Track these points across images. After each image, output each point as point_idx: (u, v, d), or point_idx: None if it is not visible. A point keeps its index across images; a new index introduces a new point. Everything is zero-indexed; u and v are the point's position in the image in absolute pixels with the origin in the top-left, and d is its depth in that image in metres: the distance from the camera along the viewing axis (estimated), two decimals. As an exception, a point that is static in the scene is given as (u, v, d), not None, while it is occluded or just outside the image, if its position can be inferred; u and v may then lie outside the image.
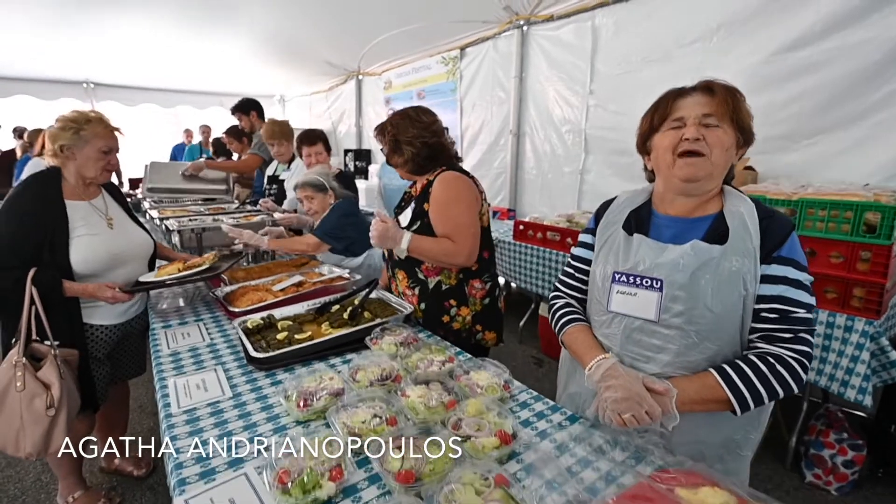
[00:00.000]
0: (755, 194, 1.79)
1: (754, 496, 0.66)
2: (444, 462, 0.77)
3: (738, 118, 0.85)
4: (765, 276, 0.84)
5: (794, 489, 1.83)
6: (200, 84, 6.79)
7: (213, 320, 1.53)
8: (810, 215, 1.69)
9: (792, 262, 0.84)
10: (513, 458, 0.85)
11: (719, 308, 0.84)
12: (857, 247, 1.61)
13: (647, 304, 0.89)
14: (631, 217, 0.98)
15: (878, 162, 1.95)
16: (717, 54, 2.36)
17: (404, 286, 1.54)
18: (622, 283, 0.93)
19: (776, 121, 2.18)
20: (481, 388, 1.01)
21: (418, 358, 1.15)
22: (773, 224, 0.85)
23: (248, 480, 0.78)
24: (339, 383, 1.02)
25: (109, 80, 6.35)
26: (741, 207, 0.88)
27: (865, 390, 1.56)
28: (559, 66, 3.23)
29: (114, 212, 1.57)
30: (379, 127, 1.55)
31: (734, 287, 0.83)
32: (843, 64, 1.97)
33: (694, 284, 0.84)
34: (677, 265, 0.86)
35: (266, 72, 5.93)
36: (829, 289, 1.68)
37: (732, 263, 0.83)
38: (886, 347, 1.58)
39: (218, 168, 3.63)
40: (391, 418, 0.88)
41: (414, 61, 4.72)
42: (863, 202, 1.59)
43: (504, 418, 0.89)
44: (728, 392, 0.80)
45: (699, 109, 0.86)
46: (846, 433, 1.82)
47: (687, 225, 0.91)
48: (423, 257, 1.44)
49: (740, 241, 0.84)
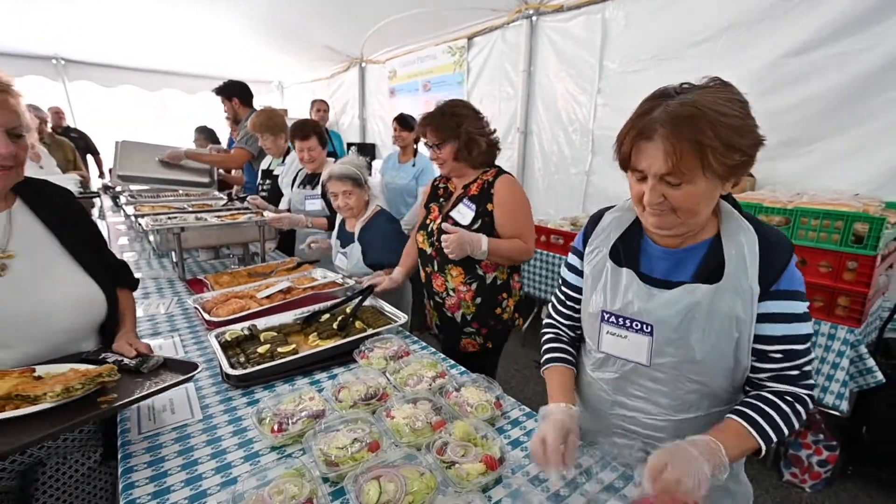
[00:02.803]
0: (752, 202, 1.81)
1: None
2: (426, 492, 0.74)
3: (716, 162, 0.69)
4: (767, 315, 0.78)
5: (772, 487, 1.92)
6: (189, 66, 6.24)
7: (189, 331, 1.43)
8: (803, 224, 1.72)
9: (793, 294, 0.78)
10: (499, 483, 0.83)
11: (713, 355, 0.80)
12: (844, 256, 1.64)
13: (638, 347, 0.85)
14: (618, 245, 0.89)
15: (870, 171, 1.98)
16: (726, 55, 2.34)
17: (458, 282, 1.56)
18: (612, 323, 0.88)
19: (778, 126, 2.17)
20: (471, 407, 0.99)
21: (408, 374, 1.11)
22: (773, 254, 0.77)
23: None
24: (320, 404, 0.97)
25: (83, 56, 5.65)
26: (741, 236, 0.78)
27: (843, 395, 1.62)
28: (568, 62, 3.17)
29: (28, 248, 0.94)
30: (439, 120, 1.49)
31: (728, 332, 0.78)
32: (844, 71, 1.98)
33: (685, 332, 0.79)
34: (669, 311, 0.80)
35: (262, 54, 5.55)
36: (817, 298, 1.72)
37: (726, 304, 0.77)
38: (865, 355, 1.64)
39: (199, 160, 3.25)
40: (373, 443, 0.85)
41: (419, 50, 4.57)
42: (852, 213, 1.62)
43: (492, 441, 0.86)
44: (761, 442, 0.76)
45: (658, 166, 0.72)
46: (822, 434, 1.89)
47: (680, 256, 0.84)
48: (498, 257, 1.49)
49: (736, 279, 0.77)
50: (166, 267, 2.19)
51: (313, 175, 2.42)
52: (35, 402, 0.79)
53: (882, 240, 1.58)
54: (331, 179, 1.86)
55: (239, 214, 2.28)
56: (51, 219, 1.00)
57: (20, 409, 0.78)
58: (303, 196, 2.46)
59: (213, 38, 4.82)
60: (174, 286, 1.91)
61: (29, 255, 0.95)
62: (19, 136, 0.86)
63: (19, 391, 0.80)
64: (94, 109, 6.30)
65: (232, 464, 0.87)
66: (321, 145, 2.36)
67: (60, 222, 1.02)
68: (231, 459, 0.87)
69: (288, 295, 1.61)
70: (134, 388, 0.90)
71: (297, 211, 2.46)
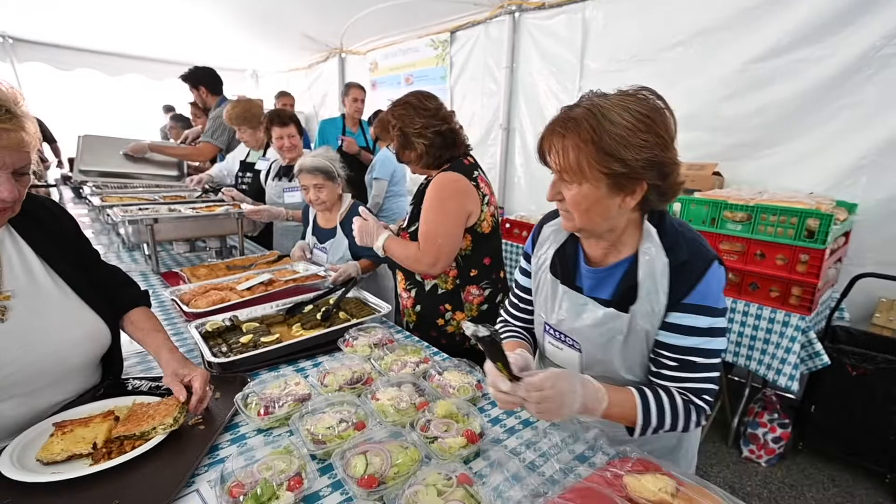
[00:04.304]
0: (719, 199, 1.96)
1: (695, 480, 0.73)
2: (410, 464, 0.78)
3: (588, 167, 0.71)
4: (668, 325, 0.80)
5: (732, 463, 2.10)
6: (155, 50, 5.84)
7: (167, 323, 1.40)
8: (763, 220, 1.85)
9: (699, 308, 0.78)
10: (479, 455, 0.88)
11: (635, 368, 0.87)
12: (797, 250, 1.78)
13: (571, 360, 0.93)
14: (556, 259, 0.92)
15: (824, 172, 2.14)
16: (697, 60, 2.46)
17: (402, 287, 1.53)
18: (551, 335, 0.95)
19: (745, 129, 2.34)
20: (454, 389, 1.03)
21: (392, 360, 1.15)
22: (685, 272, 0.78)
23: (200, 497, 0.74)
24: (306, 388, 0.99)
25: (35, 35, 5.17)
26: (654, 259, 0.79)
27: (794, 377, 1.77)
28: (550, 60, 3.22)
29: (25, 284, 0.84)
30: (380, 121, 1.42)
31: (641, 348, 0.85)
32: (803, 78, 2.12)
33: (609, 354, 0.87)
34: (594, 333, 0.86)
35: (236, 40, 5.28)
36: (774, 288, 1.86)
37: (639, 325, 0.82)
38: (814, 340, 1.79)
39: (164, 153, 3.08)
40: (359, 422, 0.88)
41: (402, 42, 4.52)
42: (806, 210, 1.75)
43: (473, 418, 0.91)
44: (639, 422, 0.80)
45: (553, 162, 0.76)
46: (777, 414, 2.07)
47: (602, 275, 0.87)
48: (394, 258, 1.42)
49: (647, 303, 0.80)
50: (138, 260, 2.13)
51: (289, 167, 2.36)
52: (144, 437, 0.79)
53: (831, 235, 1.70)
54: (301, 172, 1.83)
55: (215, 206, 2.20)
56: (42, 245, 0.88)
57: (137, 447, 0.78)
58: (280, 189, 2.41)
59: (182, 21, 4.54)
60: (148, 279, 1.86)
61: (27, 294, 0.84)
62: (24, 173, 0.78)
63: (121, 433, 0.80)
64: (49, 94, 5.88)
65: (219, 446, 0.88)
66: (299, 133, 2.31)
67: (52, 247, 0.90)
68: (217, 442, 0.89)
69: (269, 287, 1.58)
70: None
71: (275, 204, 2.40)
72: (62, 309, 0.88)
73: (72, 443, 0.76)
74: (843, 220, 1.86)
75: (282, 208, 2.27)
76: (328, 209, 1.91)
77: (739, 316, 1.94)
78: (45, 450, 0.75)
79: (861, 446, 1.89)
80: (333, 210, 1.92)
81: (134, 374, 1.08)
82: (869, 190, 2.03)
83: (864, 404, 1.84)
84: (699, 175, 2.34)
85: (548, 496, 0.72)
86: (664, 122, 0.73)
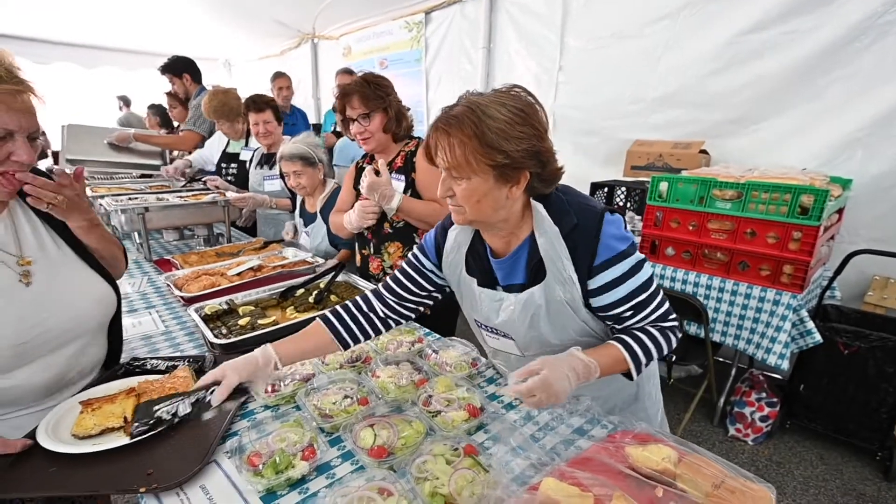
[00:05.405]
0: (707, 177, 1.91)
1: (696, 451, 0.76)
2: (416, 436, 0.80)
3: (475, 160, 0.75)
4: (600, 288, 0.83)
5: (718, 442, 2.12)
6: (129, 41, 5.76)
7: (165, 307, 1.43)
8: (754, 197, 1.79)
9: (612, 260, 0.81)
10: (480, 429, 0.90)
11: (568, 333, 0.90)
12: (790, 227, 1.73)
13: (510, 346, 0.97)
14: (469, 259, 0.95)
15: (817, 147, 2.07)
16: (684, 33, 2.36)
17: (397, 258, 1.52)
18: (485, 329, 0.99)
19: (732, 104, 2.26)
20: (450, 367, 1.05)
21: (388, 339, 1.17)
22: (578, 236, 0.82)
23: (218, 466, 0.78)
24: (309, 368, 1.01)
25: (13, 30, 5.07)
26: (548, 233, 0.83)
27: (784, 356, 1.75)
28: (529, 39, 3.10)
29: (38, 250, 0.87)
30: (365, 89, 1.37)
31: (569, 314, 0.87)
32: (794, 50, 2.04)
33: (537, 329, 0.89)
34: (515, 319, 0.89)
35: (207, 29, 5.18)
36: (764, 266, 1.82)
37: (557, 294, 0.84)
38: (805, 318, 1.77)
39: (148, 142, 3.13)
40: (362, 398, 0.90)
41: (375, 25, 4.39)
42: (800, 186, 1.70)
43: (472, 393, 0.93)
44: (632, 365, 0.84)
45: (441, 159, 0.80)
46: (765, 393, 2.06)
47: (509, 262, 0.90)
48: (412, 217, 1.43)
49: (556, 272, 0.83)
50: (129, 249, 2.11)
51: (270, 155, 2.35)
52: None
53: (825, 211, 1.65)
54: (282, 160, 1.86)
55: (201, 195, 2.23)
56: (47, 214, 0.89)
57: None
58: (261, 177, 2.40)
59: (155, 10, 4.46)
60: (141, 266, 1.88)
61: (42, 260, 0.86)
62: (35, 138, 0.79)
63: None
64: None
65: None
66: (277, 119, 2.27)
67: (55, 217, 0.90)
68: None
69: (258, 272, 1.62)
70: None
71: (256, 192, 2.39)
72: (74, 274, 0.91)
73: (103, 418, 0.81)
74: (837, 196, 1.80)
75: (266, 196, 2.27)
76: (310, 194, 1.94)
77: (728, 295, 1.91)
78: (79, 425, 0.79)
79: (851, 424, 1.89)
80: (315, 195, 1.94)
81: (140, 354, 1.12)
82: (865, 165, 1.96)
83: (855, 382, 1.82)
84: (685, 153, 2.27)
85: (554, 464, 0.74)
86: (537, 115, 0.79)
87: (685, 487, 0.65)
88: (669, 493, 0.65)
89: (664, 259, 2.08)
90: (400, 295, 1.01)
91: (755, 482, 0.68)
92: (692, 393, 2.16)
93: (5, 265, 0.81)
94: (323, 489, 0.74)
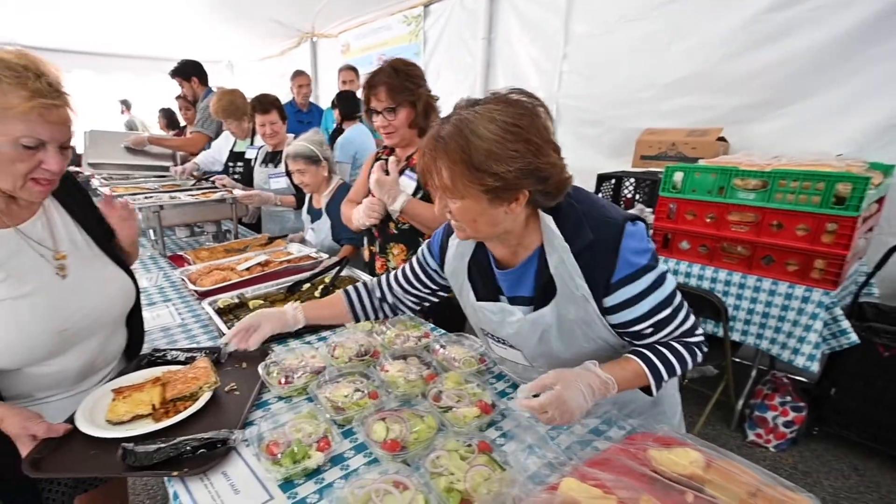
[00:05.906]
0: (728, 165, 1.78)
1: (726, 455, 0.70)
2: (427, 431, 0.79)
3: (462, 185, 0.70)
4: (616, 306, 0.78)
5: (735, 447, 1.94)
6: (136, 47, 6.02)
7: (181, 301, 1.49)
8: (781, 187, 1.65)
9: (633, 275, 0.76)
10: (492, 426, 0.87)
11: (581, 350, 0.84)
12: (823, 219, 1.59)
13: (517, 356, 0.93)
14: (472, 269, 0.91)
15: (850, 131, 1.91)
16: (697, 14, 2.23)
17: (400, 261, 1.47)
18: (491, 338, 0.96)
19: (752, 88, 2.12)
20: (458, 362, 1.03)
21: (395, 334, 1.16)
22: (597, 251, 0.76)
23: (237, 454, 0.80)
24: (321, 361, 1.02)
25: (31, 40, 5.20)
26: (557, 247, 0.77)
27: (814, 357, 1.61)
28: (532, 26, 2.97)
29: (70, 245, 0.92)
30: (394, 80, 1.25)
31: (582, 332, 0.82)
32: (823, 27, 1.90)
33: (547, 347, 0.85)
34: (524, 335, 0.85)
35: (210, 32, 5.31)
36: (791, 261, 1.68)
37: (569, 312, 0.80)
38: (839, 317, 1.62)
39: (161, 145, 3.29)
40: (372, 392, 0.89)
41: (374, 21, 4.37)
42: (836, 173, 1.55)
43: (483, 389, 0.91)
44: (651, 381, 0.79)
45: (432, 180, 0.75)
46: (790, 396, 1.92)
47: (516, 274, 0.85)
48: (416, 221, 1.37)
49: (567, 291, 0.78)
50: (144, 245, 2.20)
51: (275, 153, 2.39)
52: (193, 398, 0.88)
53: (865, 200, 1.52)
54: (287, 158, 1.93)
55: (210, 193, 2.31)
56: (75, 210, 0.97)
57: (188, 407, 0.86)
58: (266, 175, 2.43)
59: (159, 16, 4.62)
60: (157, 262, 1.95)
61: (74, 254, 0.92)
62: (67, 147, 0.83)
63: (174, 395, 0.88)
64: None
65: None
66: (282, 119, 2.31)
67: (82, 212, 0.98)
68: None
69: (265, 267, 1.66)
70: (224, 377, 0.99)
71: (261, 190, 2.42)
72: (101, 267, 0.97)
73: (133, 405, 0.86)
74: (878, 184, 1.64)
75: (271, 193, 2.30)
76: (315, 191, 1.98)
77: (749, 292, 1.77)
78: (112, 412, 0.85)
79: (890, 433, 1.71)
80: (320, 192, 1.97)
81: (160, 345, 1.17)
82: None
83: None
84: (701, 141, 2.11)
85: (572, 463, 0.71)
86: (535, 127, 0.70)
87: (716, 494, 0.61)
88: (701, 500, 0.60)
89: (678, 253, 1.96)
90: (405, 288, 1.05)
91: (795, 492, 0.61)
92: (707, 395, 2.04)
93: (45, 259, 0.87)
94: (338, 480, 0.74)
